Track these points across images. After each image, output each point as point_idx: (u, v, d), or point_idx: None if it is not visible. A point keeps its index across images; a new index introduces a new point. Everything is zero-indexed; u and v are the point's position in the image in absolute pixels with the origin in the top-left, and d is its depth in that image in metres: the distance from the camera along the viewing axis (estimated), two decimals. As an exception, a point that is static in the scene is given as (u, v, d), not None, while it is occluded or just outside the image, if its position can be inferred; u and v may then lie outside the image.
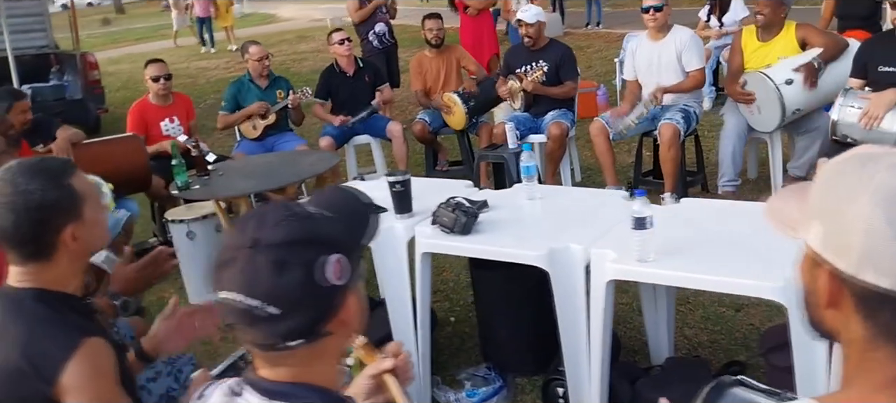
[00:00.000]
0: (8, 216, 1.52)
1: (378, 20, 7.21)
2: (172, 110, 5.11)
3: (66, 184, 1.57)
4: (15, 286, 1.59)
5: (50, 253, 1.57)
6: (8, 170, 1.56)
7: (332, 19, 19.56)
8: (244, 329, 1.06)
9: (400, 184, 2.90)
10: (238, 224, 1.11)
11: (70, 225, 1.57)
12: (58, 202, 1.55)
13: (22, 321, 1.53)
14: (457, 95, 5.50)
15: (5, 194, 1.53)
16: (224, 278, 1.04)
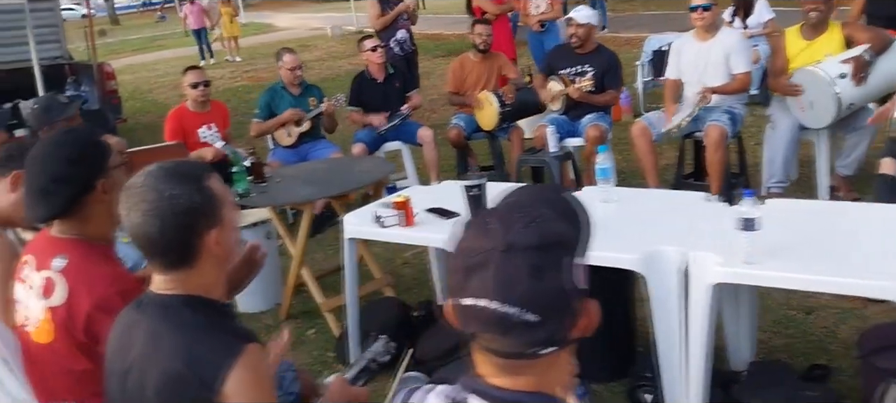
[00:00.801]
0: (154, 222, 1.46)
1: (399, 27, 7.18)
2: (210, 117, 5.06)
3: (206, 186, 1.52)
4: (163, 293, 1.53)
5: (194, 260, 1.51)
6: (148, 176, 1.50)
7: (333, 28, 19.57)
8: (493, 337, 1.00)
9: (476, 188, 2.84)
10: (475, 225, 1.04)
11: (213, 229, 1.51)
12: (202, 205, 1.49)
13: (179, 329, 1.48)
14: (493, 95, 5.45)
15: (149, 200, 1.47)
16: (472, 284, 0.98)
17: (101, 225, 1.91)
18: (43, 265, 1.88)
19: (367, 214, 3.13)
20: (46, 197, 1.85)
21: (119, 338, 1.57)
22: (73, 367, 1.85)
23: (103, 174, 1.89)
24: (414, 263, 4.61)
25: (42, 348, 1.88)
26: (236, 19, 17.33)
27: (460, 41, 14.97)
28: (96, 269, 1.84)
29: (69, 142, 1.92)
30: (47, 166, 1.86)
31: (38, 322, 1.87)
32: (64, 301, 1.81)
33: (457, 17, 17.46)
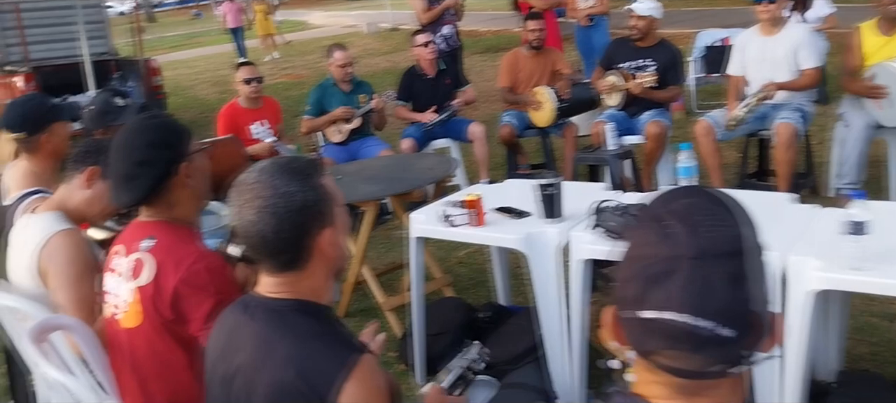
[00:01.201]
0: (270, 220, 1.39)
1: (445, 22, 7.08)
2: (262, 113, 5.02)
3: (320, 184, 1.44)
4: (272, 296, 1.46)
5: (305, 262, 1.44)
6: (262, 172, 1.43)
7: (369, 25, 19.53)
8: (678, 354, 0.89)
9: (551, 187, 2.75)
10: (648, 230, 0.94)
11: (326, 229, 1.44)
12: (316, 204, 1.42)
13: (291, 336, 1.40)
14: (550, 90, 5.34)
15: (265, 197, 1.39)
16: (654, 296, 0.88)
17: (186, 209, 1.94)
18: (131, 249, 1.89)
19: (435, 212, 3.04)
20: (130, 181, 1.88)
21: (223, 341, 1.51)
22: (161, 349, 1.85)
23: (185, 158, 1.91)
24: (468, 262, 4.52)
25: (130, 333, 1.88)
26: (270, 17, 17.31)
27: (496, 38, 14.89)
28: (183, 247, 1.86)
29: (151, 127, 1.94)
30: (131, 152, 1.89)
31: (126, 306, 1.88)
32: (152, 278, 1.82)
33: (493, 13, 17.40)
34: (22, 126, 2.77)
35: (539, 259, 2.74)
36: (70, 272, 2.22)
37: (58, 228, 2.28)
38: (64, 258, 2.23)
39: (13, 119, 2.81)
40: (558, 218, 2.77)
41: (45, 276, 2.26)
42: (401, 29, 18.94)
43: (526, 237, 2.73)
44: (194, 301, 1.78)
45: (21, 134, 2.77)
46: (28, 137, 2.77)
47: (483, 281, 4.20)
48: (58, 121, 2.83)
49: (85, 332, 2.10)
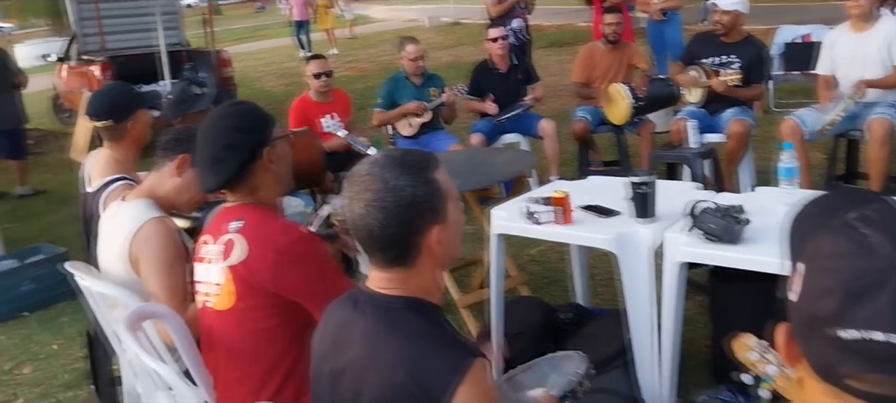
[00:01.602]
0: (376, 215, 1.35)
1: (515, 16, 6.98)
2: (332, 107, 5.02)
3: (433, 178, 1.39)
4: (382, 293, 1.42)
5: (412, 259, 1.39)
6: (374, 165, 1.39)
7: (430, 19, 19.52)
8: (884, 378, 0.79)
9: (645, 185, 2.64)
10: (843, 237, 0.83)
11: (435, 226, 1.38)
12: (426, 199, 1.37)
13: (402, 335, 1.36)
14: (626, 88, 5.20)
15: (374, 190, 1.36)
16: (859, 313, 0.78)
17: (268, 193, 1.99)
18: (220, 233, 1.93)
19: (517, 209, 2.95)
20: (217, 164, 1.92)
21: (331, 336, 1.47)
22: (254, 328, 1.88)
23: (268, 143, 1.96)
24: (541, 260, 4.43)
25: (224, 316, 1.90)
26: (332, 11, 17.39)
27: (561, 32, 14.70)
28: (271, 222, 1.92)
29: (237, 113, 1.99)
30: (217, 136, 1.93)
31: (218, 289, 1.90)
32: (244, 256, 1.86)
33: (557, 7, 17.19)
34: (109, 114, 2.80)
35: (630, 260, 2.64)
36: (162, 259, 2.23)
37: (149, 216, 2.29)
38: (156, 245, 2.24)
39: (99, 107, 2.84)
40: (651, 218, 2.66)
41: (136, 263, 2.28)
42: (463, 23, 18.89)
43: (617, 237, 2.63)
44: (295, 271, 1.82)
45: (108, 121, 2.80)
46: (114, 125, 2.80)
47: (557, 279, 4.11)
48: (141, 108, 2.87)
49: (176, 321, 2.10)
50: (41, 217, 6.41)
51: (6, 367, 3.82)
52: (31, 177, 7.53)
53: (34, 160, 8.55)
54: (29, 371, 3.75)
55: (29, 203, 6.94)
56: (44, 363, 3.81)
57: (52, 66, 11.91)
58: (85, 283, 2.41)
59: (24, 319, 4.35)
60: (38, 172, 7.99)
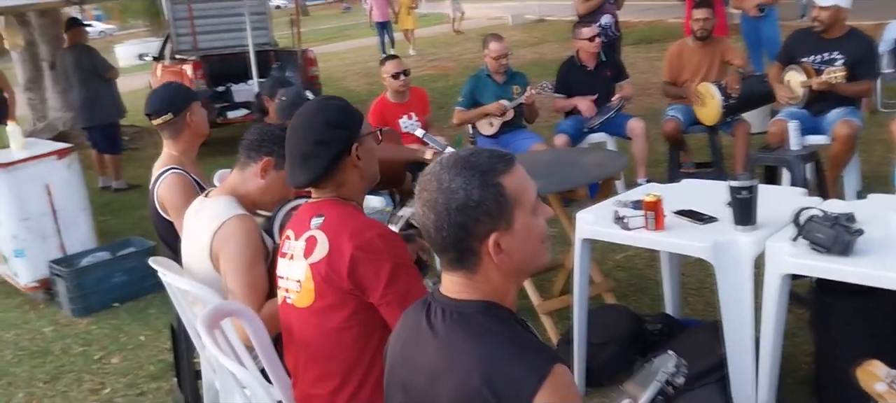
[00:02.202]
0: (430, 215, 1.31)
1: (604, 12, 6.77)
2: (410, 106, 4.98)
3: (495, 182, 1.30)
4: (454, 297, 1.35)
5: (472, 264, 1.32)
6: (438, 164, 1.34)
7: (514, 17, 19.38)
8: None
9: (746, 190, 2.46)
10: None
11: (495, 232, 1.30)
12: (482, 204, 1.28)
13: (478, 340, 1.29)
14: (715, 87, 4.95)
15: (431, 190, 1.32)
16: None
17: (353, 189, 1.96)
18: (303, 229, 1.91)
19: (606, 213, 2.82)
20: (308, 160, 1.90)
21: (403, 343, 1.41)
22: (334, 326, 1.84)
23: (358, 139, 1.93)
24: (627, 266, 4.26)
25: (304, 314, 1.88)
26: (414, 12, 17.41)
27: (650, 28, 14.30)
28: (352, 218, 1.89)
29: (328, 108, 1.96)
30: (309, 132, 1.91)
31: (299, 287, 1.88)
32: (325, 253, 1.83)
33: (647, 4, 16.75)
34: (168, 108, 2.87)
35: (728, 270, 2.47)
36: (243, 257, 2.22)
37: (232, 213, 2.29)
38: (237, 243, 2.24)
39: (158, 104, 2.91)
40: (752, 225, 2.48)
41: (216, 260, 2.28)
42: (547, 20, 18.67)
43: (714, 245, 2.46)
44: (372, 268, 1.78)
45: (168, 115, 2.86)
46: (174, 118, 2.86)
47: (644, 287, 3.94)
48: (195, 101, 2.95)
49: (254, 320, 2.07)
50: (134, 210, 6.63)
51: (96, 356, 3.94)
52: (126, 171, 7.83)
53: (129, 155, 8.90)
54: (117, 361, 3.85)
55: (124, 196, 7.21)
56: (131, 353, 3.91)
57: (148, 66, 12.38)
58: (167, 279, 2.43)
59: (115, 310, 4.49)
60: (133, 167, 8.29)
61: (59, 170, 4.65)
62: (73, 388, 3.62)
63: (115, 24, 36.88)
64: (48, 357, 3.98)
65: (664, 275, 3.38)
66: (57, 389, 3.63)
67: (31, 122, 9.08)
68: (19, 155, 4.63)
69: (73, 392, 3.58)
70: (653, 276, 4.00)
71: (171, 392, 3.39)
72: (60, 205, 4.65)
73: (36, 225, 4.57)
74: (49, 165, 4.63)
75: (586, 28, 5.39)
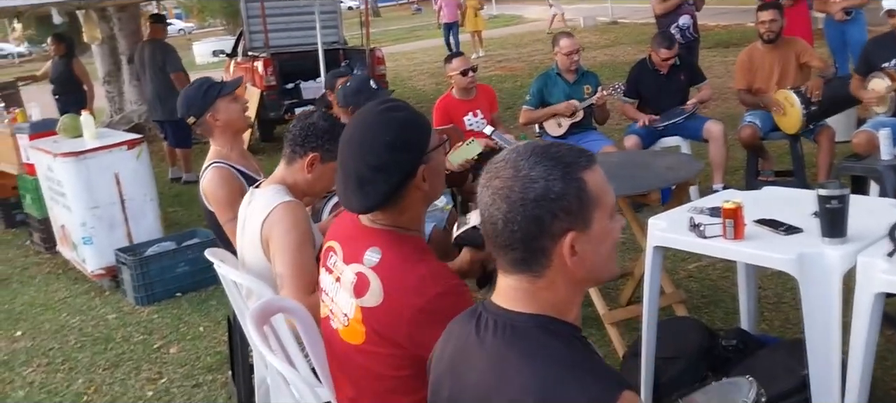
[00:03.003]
0: (501, 205, 1.16)
1: (682, 12, 6.53)
2: (475, 103, 4.88)
3: (578, 178, 1.16)
4: (509, 308, 1.21)
5: (540, 266, 1.18)
6: (513, 151, 1.20)
7: (586, 19, 19.07)
8: None
9: (836, 200, 2.25)
10: None
11: (572, 232, 1.16)
12: (562, 199, 1.14)
13: (533, 359, 1.15)
14: (795, 93, 4.68)
15: (503, 178, 1.17)
16: None
17: (415, 214, 1.70)
18: (353, 258, 1.67)
19: (680, 219, 2.64)
20: (364, 186, 1.62)
21: (450, 357, 1.28)
22: (387, 373, 1.63)
23: (424, 159, 1.64)
24: (699, 277, 4.05)
25: (351, 349, 1.67)
26: (481, 13, 17.23)
27: (727, 32, 13.83)
28: (414, 267, 1.60)
29: (390, 125, 1.64)
30: (367, 154, 1.62)
31: (347, 321, 1.66)
32: (379, 302, 1.59)
33: (722, 7, 16.24)
34: (188, 111, 2.86)
35: (815, 285, 2.26)
36: (291, 239, 2.17)
37: (281, 200, 2.25)
38: (285, 226, 2.19)
39: (180, 107, 2.91)
40: (842, 238, 2.27)
41: (267, 246, 2.24)
42: (621, 23, 18.31)
43: (798, 258, 2.27)
44: (436, 330, 1.49)
45: (191, 119, 2.86)
46: (197, 121, 2.85)
47: (718, 300, 3.73)
48: (220, 97, 2.86)
49: (306, 318, 2.00)
50: (202, 202, 6.74)
51: (156, 345, 3.96)
52: (197, 164, 7.96)
53: (200, 149, 9.07)
54: (176, 351, 3.86)
55: (192, 188, 7.31)
56: (190, 344, 3.92)
57: (223, 63, 12.65)
58: (221, 271, 2.40)
59: (177, 300, 4.53)
60: (203, 161, 8.45)
61: (128, 160, 4.72)
62: (131, 376, 3.64)
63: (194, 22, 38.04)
64: (110, 345, 4.03)
65: (740, 288, 3.17)
66: (115, 376, 3.66)
67: (108, 115, 9.35)
68: (90, 144, 4.72)
69: (131, 380, 3.60)
70: (728, 289, 3.80)
71: (226, 385, 3.37)
72: (129, 195, 4.72)
73: (104, 213, 4.65)
74: (119, 155, 4.70)
75: (665, 50, 5.07)
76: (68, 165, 4.58)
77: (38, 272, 5.36)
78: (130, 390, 3.52)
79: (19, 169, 5.61)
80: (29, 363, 3.93)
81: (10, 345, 4.18)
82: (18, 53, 32.33)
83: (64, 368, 3.82)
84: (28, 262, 5.62)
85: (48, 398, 3.55)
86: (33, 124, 5.43)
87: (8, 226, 6.47)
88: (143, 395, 3.45)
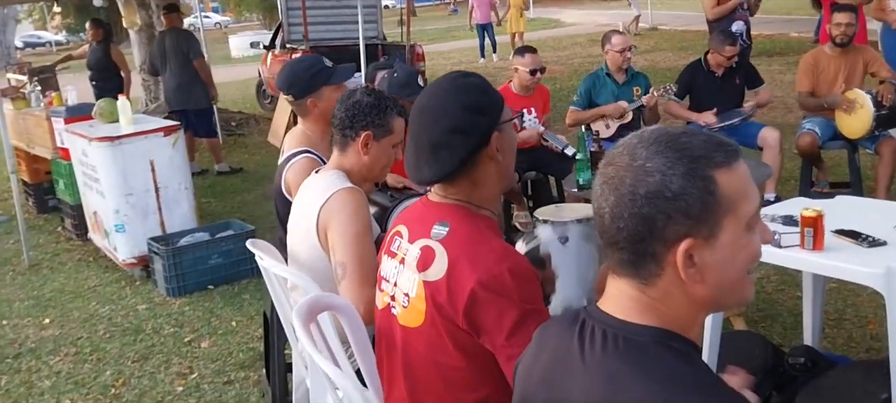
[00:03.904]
0: (608, 196, 1.01)
1: (736, 18, 6.30)
2: (531, 101, 4.72)
3: (706, 175, 0.98)
4: (620, 317, 1.05)
5: (650, 273, 1.01)
6: (636, 135, 1.04)
7: (624, 22, 18.76)
8: None
9: (932, 211, 2.06)
10: None
11: (689, 239, 0.98)
12: (682, 197, 0.97)
13: (652, 379, 0.97)
14: (867, 94, 4.45)
15: (617, 166, 1.02)
16: None
17: (489, 190, 1.62)
18: (420, 234, 1.59)
19: (750, 227, 2.45)
20: (440, 151, 1.54)
21: (545, 367, 1.12)
22: (443, 360, 1.52)
23: (498, 127, 1.57)
24: (757, 288, 3.83)
25: (410, 333, 1.57)
26: (524, 14, 16.93)
27: (771, 42, 13.53)
28: (483, 240, 1.52)
29: (465, 87, 1.58)
30: (441, 117, 1.55)
31: (407, 301, 1.56)
32: (443, 274, 1.49)
33: (766, 16, 15.91)
34: (289, 88, 2.71)
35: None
36: (353, 227, 2.05)
37: (340, 186, 2.12)
38: (347, 213, 2.07)
39: (282, 80, 2.77)
40: (935, 252, 2.08)
41: (324, 235, 2.11)
42: (660, 29, 18.02)
43: (887, 272, 2.08)
44: (494, 309, 1.42)
45: (289, 96, 2.71)
46: (295, 101, 2.70)
47: (775, 314, 3.53)
48: (325, 85, 2.69)
49: (353, 317, 1.86)
50: (237, 194, 6.65)
51: (187, 339, 3.85)
52: (231, 156, 7.88)
53: (235, 140, 9.02)
54: (207, 346, 3.74)
55: (227, 180, 7.25)
56: (222, 339, 3.79)
57: (260, 56, 12.63)
58: (264, 264, 2.26)
59: (209, 292, 4.41)
60: (238, 152, 8.39)
61: (164, 147, 4.62)
62: (161, 370, 3.52)
63: (230, 15, 38.29)
64: (139, 336, 3.93)
65: (806, 302, 2.97)
66: (145, 369, 3.55)
67: (143, 103, 9.33)
68: (126, 129, 4.63)
69: (160, 374, 3.49)
70: (784, 302, 3.60)
71: (259, 384, 3.24)
72: (163, 183, 4.62)
73: (138, 201, 4.55)
74: (155, 142, 4.61)
75: (730, 46, 4.86)
76: (103, 150, 4.49)
77: (69, 259, 5.29)
78: (159, 384, 3.40)
79: (53, 153, 5.55)
80: (56, 352, 3.83)
81: (38, 333, 4.09)
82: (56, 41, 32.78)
83: (92, 359, 3.72)
84: (59, 248, 5.55)
85: (75, 389, 3.44)
86: (69, 108, 5.36)
87: (40, 212, 6.42)
88: (172, 390, 3.34)
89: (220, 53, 22.79)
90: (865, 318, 3.38)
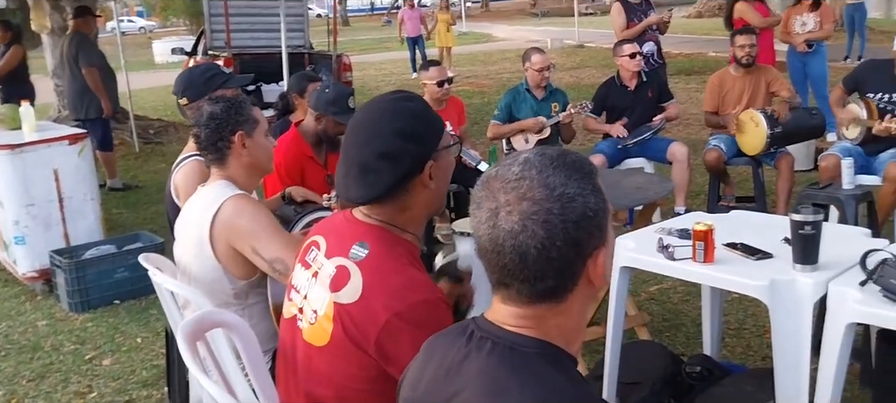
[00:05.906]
0: (538, 232, 1.00)
1: (647, 39, 6.48)
2: (445, 115, 4.72)
3: (600, 187, 1.05)
4: (510, 329, 1.07)
5: (566, 291, 1.05)
6: (527, 166, 1.03)
7: (553, 41, 19.15)
8: None
9: (810, 226, 2.16)
10: None
11: (602, 249, 1.05)
12: (597, 215, 1.03)
13: (535, 388, 1.01)
14: (761, 113, 4.66)
15: (535, 200, 1.01)
16: None
17: (416, 215, 1.57)
18: (337, 251, 1.53)
19: (648, 240, 2.53)
20: (367, 175, 1.49)
21: (432, 376, 1.13)
22: (344, 382, 1.48)
23: (434, 155, 1.52)
24: (661, 299, 3.96)
25: (312, 351, 1.52)
26: (452, 29, 16.94)
27: (689, 61, 14.00)
28: (401, 269, 1.47)
29: (403, 112, 1.52)
30: (373, 139, 1.49)
31: (315, 318, 1.51)
32: (356, 298, 1.45)
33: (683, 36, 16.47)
34: (184, 91, 2.72)
35: (785, 313, 2.17)
36: (260, 223, 2.04)
37: (230, 194, 2.09)
38: (248, 215, 2.05)
39: (178, 84, 2.76)
40: (814, 265, 2.18)
41: (221, 247, 2.07)
42: (588, 46, 18.43)
43: (771, 284, 2.17)
44: (408, 339, 1.38)
45: (183, 99, 2.71)
46: (189, 104, 2.69)
47: (679, 324, 3.64)
48: (221, 89, 2.67)
49: (246, 334, 1.81)
50: (151, 205, 6.45)
51: (88, 356, 3.70)
52: (147, 164, 7.63)
53: (152, 149, 8.78)
54: (109, 363, 3.61)
55: (141, 191, 7.03)
56: (125, 356, 3.67)
57: (181, 62, 12.34)
58: (157, 279, 2.20)
59: (114, 308, 4.26)
60: (155, 161, 8.15)
61: (69, 155, 4.45)
62: (58, 389, 3.37)
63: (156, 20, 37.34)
64: (37, 354, 3.75)
65: (705, 313, 3.08)
66: (40, 389, 3.39)
67: (56, 109, 8.98)
68: (29, 137, 4.45)
69: (57, 393, 3.34)
70: (688, 312, 3.72)
71: (162, 402, 3.15)
72: (68, 193, 4.44)
73: (40, 211, 4.37)
74: (59, 150, 4.43)
75: (628, 45, 5.13)
76: (2, 158, 4.29)
77: (-36, 273, 5.04)
78: (56, 404, 3.27)
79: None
80: (-55, 371, 3.64)
81: (-75, 351, 3.89)
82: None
83: (-16, 378, 3.55)
84: (-47, 262, 5.29)
85: (-39, 410, 3.28)
86: (-32, 114, 5.12)
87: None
88: (69, 409, 3.21)
89: (144, 58, 22.22)
90: (763, 328, 3.51)
